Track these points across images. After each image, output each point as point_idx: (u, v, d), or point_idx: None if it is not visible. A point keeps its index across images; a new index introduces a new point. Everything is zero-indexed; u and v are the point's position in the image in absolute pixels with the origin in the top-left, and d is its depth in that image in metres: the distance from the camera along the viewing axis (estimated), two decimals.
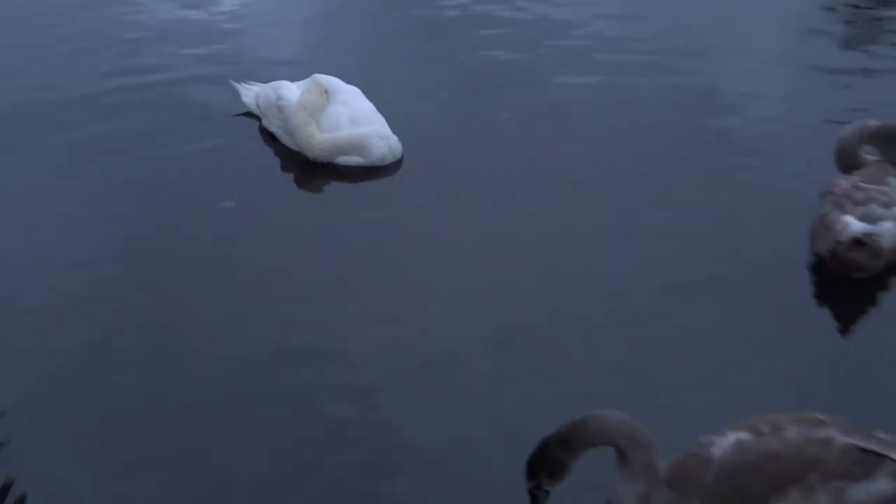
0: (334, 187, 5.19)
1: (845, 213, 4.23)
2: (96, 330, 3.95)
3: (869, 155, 4.56)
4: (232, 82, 5.77)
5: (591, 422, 3.01)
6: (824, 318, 4.18)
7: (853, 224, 4.15)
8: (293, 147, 5.25)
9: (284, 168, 5.30)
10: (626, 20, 7.09)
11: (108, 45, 6.81)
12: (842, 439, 3.15)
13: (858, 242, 4.12)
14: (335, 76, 5.42)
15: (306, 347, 3.88)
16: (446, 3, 7.41)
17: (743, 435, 3.13)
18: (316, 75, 5.28)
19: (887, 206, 4.28)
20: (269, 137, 5.49)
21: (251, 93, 5.64)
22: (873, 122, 4.65)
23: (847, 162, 4.57)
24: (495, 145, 5.47)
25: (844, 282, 4.18)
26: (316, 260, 4.56)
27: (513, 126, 5.75)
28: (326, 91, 5.22)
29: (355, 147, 5.10)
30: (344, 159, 5.12)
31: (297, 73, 5.61)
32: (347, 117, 5.17)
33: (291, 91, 5.33)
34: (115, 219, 4.90)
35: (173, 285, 4.30)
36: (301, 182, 5.24)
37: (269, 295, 4.22)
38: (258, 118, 5.60)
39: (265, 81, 5.65)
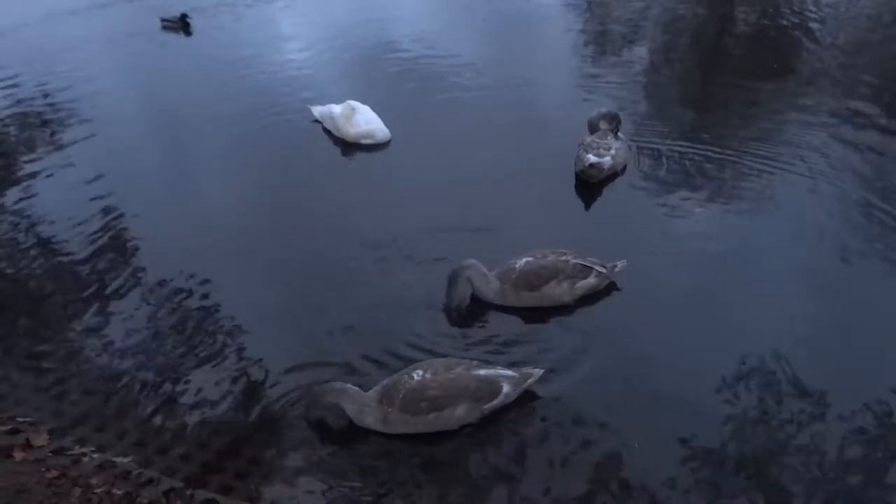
0: (358, 153, 7.80)
1: (587, 152, 6.98)
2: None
3: (602, 125, 7.37)
4: (308, 106, 8.58)
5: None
6: (576, 199, 6.80)
7: (591, 158, 6.92)
8: (338, 135, 7.95)
9: (335, 144, 7.99)
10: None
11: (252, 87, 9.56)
12: (574, 260, 4.97)
13: (592, 166, 6.87)
14: (357, 100, 7.97)
15: (347, 229, 6.26)
16: (413, 61, 10.26)
17: (529, 257, 4.99)
18: (349, 101, 7.93)
19: (608, 149, 7.07)
20: (326, 131, 8.16)
21: (317, 110, 8.36)
22: (602, 109, 7.49)
23: (591, 129, 7.43)
24: (438, 128, 8.21)
25: (586, 184, 6.93)
26: (350, 185, 7.10)
27: (448, 122, 8.37)
28: (353, 108, 7.86)
29: (369, 134, 7.88)
30: (363, 140, 7.84)
31: (338, 99, 8.15)
32: (364, 120, 7.87)
33: (336, 109, 7.98)
34: (255, 166, 7.67)
35: (286, 201, 6.89)
36: (342, 150, 7.89)
37: (330, 203, 6.77)
38: (320, 122, 8.30)
39: (323, 104, 8.31)
